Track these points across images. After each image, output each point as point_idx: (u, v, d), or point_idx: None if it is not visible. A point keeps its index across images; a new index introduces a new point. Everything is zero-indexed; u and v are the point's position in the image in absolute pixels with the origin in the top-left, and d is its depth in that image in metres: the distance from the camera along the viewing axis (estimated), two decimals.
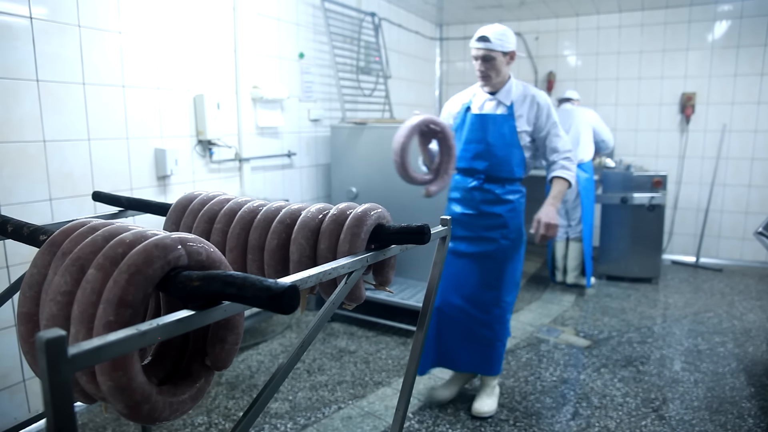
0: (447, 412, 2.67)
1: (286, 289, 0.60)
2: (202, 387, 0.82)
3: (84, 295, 0.71)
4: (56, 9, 2.37)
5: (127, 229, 0.80)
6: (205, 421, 2.56)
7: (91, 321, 0.70)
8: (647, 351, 3.38)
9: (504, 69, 2.46)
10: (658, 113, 5.48)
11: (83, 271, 0.75)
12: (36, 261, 0.82)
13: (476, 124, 2.53)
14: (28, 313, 0.81)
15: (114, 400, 0.70)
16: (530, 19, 5.87)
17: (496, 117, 2.49)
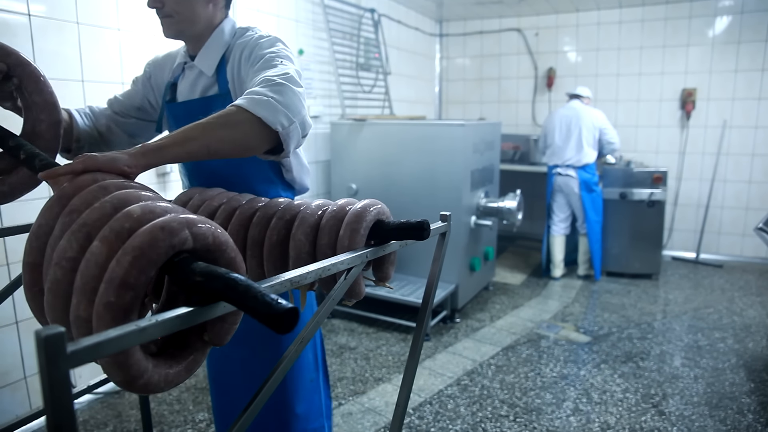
0: (447, 408, 2.67)
1: (287, 310, 0.60)
2: (196, 359, 0.82)
3: (87, 267, 0.72)
4: (54, 6, 2.36)
5: (137, 198, 0.79)
6: (206, 417, 2.57)
7: (92, 294, 0.70)
8: (647, 347, 3.39)
9: (201, 6, 1.36)
10: (659, 109, 5.47)
11: (89, 238, 0.75)
12: (44, 212, 0.83)
13: (179, 120, 1.43)
14: (33, 263, 0.82)
15: (110, 373, 0.71)
16: (530, 15, 5.85)
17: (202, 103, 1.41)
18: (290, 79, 1.16)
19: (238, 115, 1.04)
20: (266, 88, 1.11)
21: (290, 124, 1.10)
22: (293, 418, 1.52)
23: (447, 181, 3.61)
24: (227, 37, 1.41)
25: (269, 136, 1.09)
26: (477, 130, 3.82)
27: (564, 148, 4.62)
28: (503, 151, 5.27)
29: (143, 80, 1.56)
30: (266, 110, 1.06)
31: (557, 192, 4.75)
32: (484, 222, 3.91)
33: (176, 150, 0.95)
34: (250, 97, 1.08)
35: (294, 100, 1.11)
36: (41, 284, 0.80)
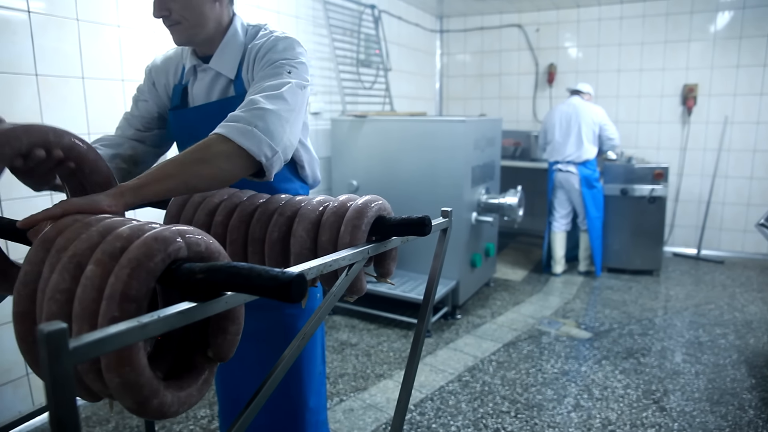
0: (449, 404, 2.68)
1: (294, 277, 0.60)
2: (207, 378, 0.82)
3: (84, 291, 0.71)
4: (54, 3, 2.36)
5: (122, 223, 0.79)
6: (208, 414, 2.57)
7: (93, 317, 0.70)
8: (648, 343, 3.39)
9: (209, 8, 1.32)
10: (660, 105, 5.46)
11: (81, 267, 0.74)
12: (29, 258, 0.81)
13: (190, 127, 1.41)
14: (24, 312, 0.80)
15: (122, 396, 0.69)
16: (531, 10, 5.84)
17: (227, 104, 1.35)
18: (281, 96, 1.15)
19: (219, 146, 1.03)
20: (250, 112, 1.09)
21: (273, 155, 1.09)
22: (307, 412, 1.53)
23: (448, 178, 3.61)
24: (242, 38, 1.38)
25: (252, 165, 1.09)
26: (478, 127, 3.82)
27: (564, 144, 4.61)
28: (504, 148, 5.27)
29: (149, 89, 1.49)
30: (250, 141, 1.05)
31: (558, 188, 4.75)
32: (484, 218, 3.91)
33: (155, 187, 0.94)
34: (234, 125, 1.07)
35: (276, 126, 1.10)
36: (35, 334, 0.77)
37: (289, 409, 1.50)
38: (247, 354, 1.39)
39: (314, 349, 1.56)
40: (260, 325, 1.40)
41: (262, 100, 1.12)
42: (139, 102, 1.49)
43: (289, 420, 1.51)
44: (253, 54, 1.32)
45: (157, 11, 1.28)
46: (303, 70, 1.26)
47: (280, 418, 1.51)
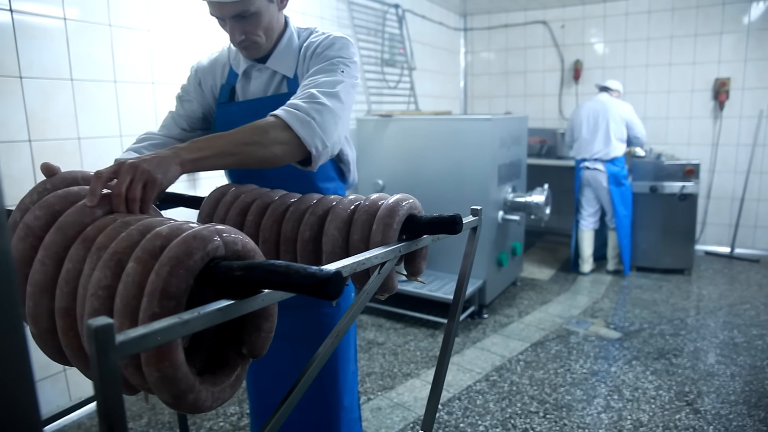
0: (476, 404, 2.66)
1: (331, 275, 0.61)
2: (240, 375, 0.83)
3: (125, 288, 0.73)
4: (88, 9, 2.42)
5: (160, 222, 0.81)
6: (237, 411, 2.61)
7: (134, 313, 0.71)
8: (680, 343, 3.32)
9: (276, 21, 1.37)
10: (690, 100, 5.34)
11: (122, 265, 0.76)
12: (71, 256, 0.83)
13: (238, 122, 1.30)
14: (66, 308, 0.82)
15: (160, 390, 0.71)
16: (556, 6, 5.77)
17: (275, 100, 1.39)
18: (336, 94, 1.21)
19: (277, 132, 1.10)
20: (310, 104, 1.16)
21: (324, 148, 1.16)
22: (342, 410, 1.55)
23: (474, 176, 3.59)
24: (297, 39, 1.43)
25: (301, 153, 1.15)
26: (504, 125, 3.79)
27: (591, 142, 4.55)
28: (530, 146, 5.21)
29: (194, 88, 1.52)
30: (306, 131, 1.13)
31: (585, 186, 4.68)
32: (511, 217, 3.88)
33: (213, 161, 1.01)
34: (295, 113, 1.13)
35: (330, 122, 1.17)
36: (76, 329, 0.80)
37: (325, 407, 1.52)
38: (279, 353, 1.42)
39: (348, 348, 1.58)
40: (293, 325, 1.43)
41: (320, 96, 1.18)
42: (184, 102, 1.51)
43: (324, 418, 1.53)
44: (309, 51, 1.38)
45: (235, 37, 1.33)
46: (354, 69, 1.32)
47: (316, 416, 1.53)
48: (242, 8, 1.26)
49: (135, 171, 0.88)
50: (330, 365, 1.50)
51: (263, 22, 1.32)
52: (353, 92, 1.29)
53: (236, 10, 1.27)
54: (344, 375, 1.55)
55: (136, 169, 0.88)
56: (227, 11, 1.27)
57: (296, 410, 1.44)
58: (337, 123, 1.19)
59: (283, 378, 1.52)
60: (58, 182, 0.94)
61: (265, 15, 1.31)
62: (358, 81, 1.33)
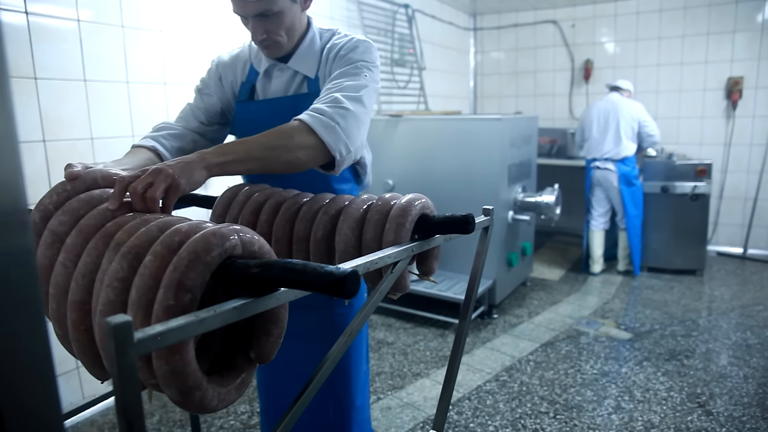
0: (486, 404, 2.66)
1: (348, 274, 0.62)
2: (245, 379, 0.84)
3: (142, 280, 0.73)
4: (101, 11, 2.44)
5: (179, 220, 0.82)
6: (248, 410, 2.63)
7: (149, 306, 0.72)
8: (692, 345, 3.29)
9: (298, 22, 1.37)
10: (702, 99, 5.30)
11: (139, 258, 0.77)
12: (90, 251, 0.84)
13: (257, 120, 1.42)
14: (80, 301, 0.83)
15: (168, 385, 0.72)
16: (566, 6, 5.74)
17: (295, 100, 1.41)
18: (360, 99, 1.21)
19: (302, 137, 1.10)
20: (334, 109, 1.16)
21: (347, 153, 1.17)
22: (354, 410, 1.56)
23: (484, 176, 3.58)
24: (319, 40, 1.43)
25: (324, 158, 1.15)
26: (514, 125, 3.78)
27: (602, 141, 4.52)
28: (540, 146, 5.19)
29: (215, 83, 1.51)
30: (331, 136, 1.13)
31: (596, 186, 4.66)
32: (521, 217, 3.87)
33: (239, 166, 1.02)
34: (320, 117, 1.13)
35: (354, 127, 1.17)
36: (87, 323, 0.81)
37: (337, 407, 1.53)
38: (291, 352, 1.42)
39: (360, 348, 1.58)
40: (305, 324, 1.43)
41: (345, 100, 1.18)
42: (203, 95, 1.51)
43: (336, 418, 1.54)
44: (332, 53, 1.37)
45: (256, 35, 1.33)
46: (376, 73, 1.33)
47: (327, 416, 1.53)
48: (265, 7, 1.26)
49: (158, 174, 0.89)
50: (342, 365, 1.50)
51: (285, 22, 1.32)
52: (374, 96, 1.30)
53: (259, 9, 1.27)
54: (356, 375, 1.55)
55: (159, 173, 0.89)
56: (250, 9, 1.28)
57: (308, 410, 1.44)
58: (360, 128, 1.20)
59: (294, 377, 1.53)
60: (77, 183, 0.95)
61: (287, 15, 1.31)
62: (379, 85, 1.33)
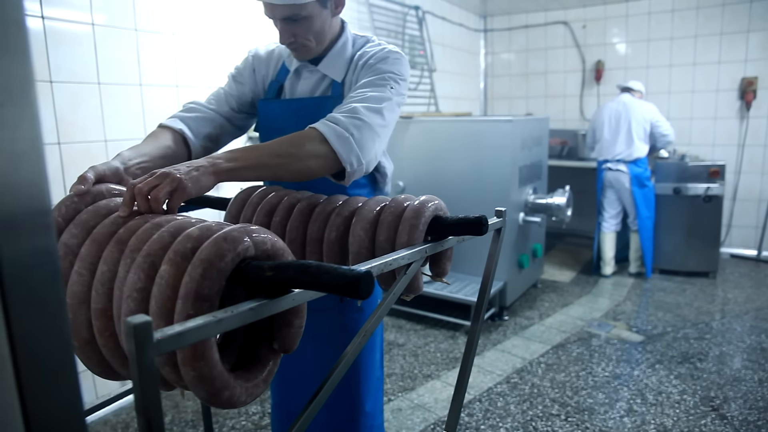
0: (497, 405, 2.65)
1: (363, 275, 0.62)
2: (271, 370, 0.85)
3: (160, 291, 0.74)
4: (115, 14, 2.47)
5: (190, 223, 0.83)
6: (259, 410, 2.64)
7: (169, 315, 0.73)
8: (705, 347, 3.26)
9: (328, 26, 1.36)
10: (715, 100, 5.25)
11: (155, 267, 0.78)
12: (105, 259, 0.85)
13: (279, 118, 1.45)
14: (102, 309, 0.85)
15: (196, 388, 0.73)
16: (577, 7, 5.72)
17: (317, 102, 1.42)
18: (380, 111, 1.20)
19: (314, 145, 1.10)
20: (350, 119, 1.15)
21: (359, 165, 1.15)
22: (362, 416, 1.55)
23: (495, 178, 3.58)
24: (351, 46, 1.43)
25: (335, 167, 1.14)
26: (525, 126, 3.77)
27: (613, 143, 4.50)
28: (551, 147, 5.17)
29: (249, 73, 1.51)
30: (343, 147, 1.12)
31: (607, 188, 4.63)
32: (532, 218, 3.85)
33: (248, 173, 1.02)
34: (334, 127, 1.13)
35: (368, 140, 1.16)
36: (112, 329, 0.83)
37: (345, 411, 1.52)
38: (303, 353, 1.42)
39: (373, 353, 1.57)
40: (318, 327, 1.43)
41: (363, 111, 1.18)
42: (237, 83, 1.51)
43: (344, 421, 1.53)
44: (362, 61, 1.36)
45: (284, 38, 1.33)
46: (403, 87, 1.31)
47: (335, 419, 1.53)
48: (293, 11, 1.26)
49: (165, 177, 0.90)
50: (353, 369, 1.49)
51: (314, 27, 1.31)
52: (398, 111, 1.28)
53: (287, 13, 1.26)
54: (367, 379, 1.55)
55: (167, 176, 0.90)
56: (278, 13, 1.27)
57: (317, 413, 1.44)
58: (374, 140, 1.18)
59: (306, 379, 1.53)
60: (85, 196, 0.97)
61: (316, 20, 1.30)
62: (405, 99, 1.31)
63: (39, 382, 0.47)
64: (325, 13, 1.32)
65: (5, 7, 0.42)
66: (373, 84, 1.26)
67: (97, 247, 0.87)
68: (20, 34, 0.44)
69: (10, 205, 0.44)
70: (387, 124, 1.22)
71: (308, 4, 1.26)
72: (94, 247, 0.87)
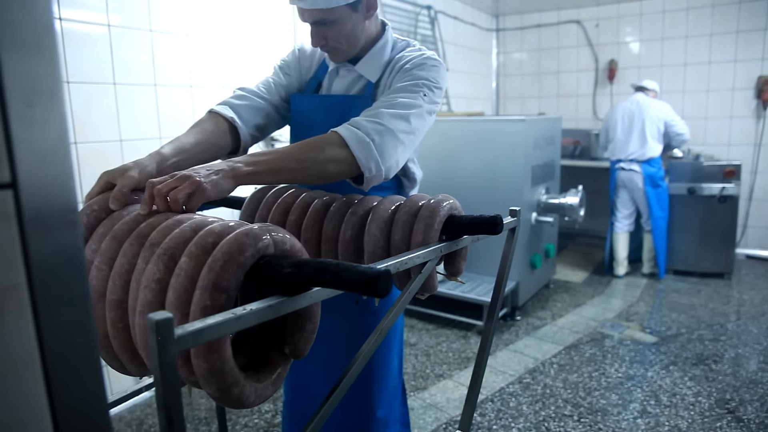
0: (509, 406, 2.65)
1: (381, 273, 0.63)
2: (281, 374, 0.85)
3: (178, 281, 0.75)
4: (130, 15, 2.49)
5: (212, 221, 0.84)
6: (271, 408, 2.65)
7: (186, 306, 0.74)
8: (720, 349, 3.23)
9: (360, 30, 1.37)
10: (731, 99, 5.19)
11: (174, 260, 0.79)
12: (125, 251, 0.87)
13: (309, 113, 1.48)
14: (117, 300, 0.86)
15: (207, 382, 0.74)
16: (590, 5, 5.68)
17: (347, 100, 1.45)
18: (407, 118, 1.19)
19: (333, 150, 1.10)
20: (372, 124, 1.15)
21: (377, 171, 1.14)
22: (374, 422, 1.53)
23: (507, 177, 3.57)
24: (390, 49, 1.43)
25: (354, 171, 1.14)
26: (537, 126, 3.76)
27: (627, 142, 4.46)
28: (563, 147, 5.15)
29: (295, 65, 1.53)
30: (362, 151, 1.11)
31: (620, 187, 4.60)
32: (545, 218, 3.84)
33: (268, 177, 1.04)
34: (355, 131, 1.13)
35: (390, 146, 1.15)
36: (126, 321, 0.84)
37: (355, 414, 1.51)
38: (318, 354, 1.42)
39: (389, 359, 1.56)
40: (333, 327, 1.43)
41: (387, 117, 1.17)
42: (284, 74, 1.52)
43: (353, 425, 1.52)
44: (400, 64, 1.36)
45: (315, 41, 1.34)
46: (437, 95, 1.30)
47: (344, 421, 1.51)
48: (322, 16, 1.27)
49: (185, 180, 0.92)
50: (366, 371, 1.48)
51: (345, 30, 1.32)
52: (429, 119, 1.26)
53: (316, 17, 1.28)
54: (380, 385, 1.53)
55: (187, 179, 0.92)
56: (308, 17, 1.29)
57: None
58: (397, 147, 1.17)
59: (319, 379, 1.53)
60: (103, 202, 0.98)
61: (347, 24, 1.31)
62: (437, 107, 1.29)
63: (66, 376, 0.48)
64: (356, 17, 1.32)
65: (35, 10, 0.43)
66: (406, 90, 1.25)
67: (116, 243, 0.88)
68: (49, 36, 0.45)
69: (39, 203, 0.45)
70: (413, 131, 1.21)
71: (336, 9, 1.26)
72: (114, 243, 0.89)
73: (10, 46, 0.42)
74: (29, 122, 0.44)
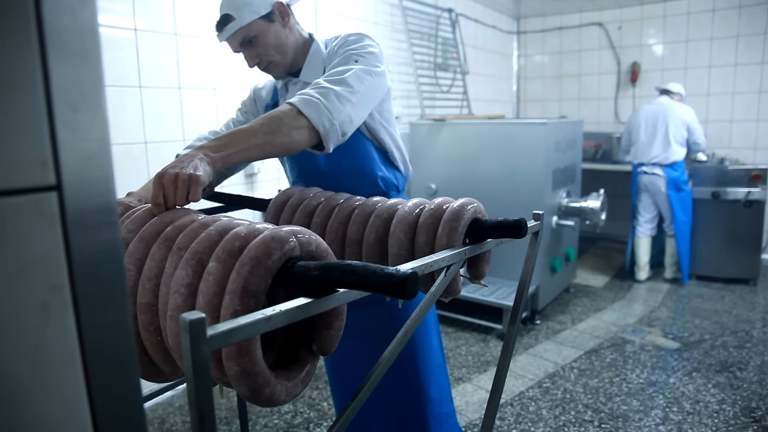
0: (529, 410, 2.63)
1: (409, 275, 0.63)
2: (310, 371, 0.86)
3: (207, 286, 0.77)
4: (156, 20, 2.54)
5: (237, 223, 0.86)
6: (291, 409, 2.67)
7: (216, 311, 0.75)
8: (745, 356, 3.17)
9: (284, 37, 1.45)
10: (758, 102, 5.08)
11: (202, 264, 0.80)
12: (153, 255, 0.89)
13: None
14: (148, 304, 0.88)
15: (239, 384, 0.75)
16: (613, 8, 5.62)
17: None
18: (343, 80, 1.26)
19: (290, 119, 1.16)
20: (315, 89, 1.22)
21: (331, 126, 1.20)
22: (428, 402, 1.58)
23: (528, 181, 3.55)
24: (324, 49, 1.52)
25: (314, 137, 1.20)
26: (559, 129, 3.73)
27: (650, 146, 4.41)
28: (584, 150, 5.10)
29: (251, 103, 1.66)
30: (311, 110, 1.18)
31: (643, 191, 4.54)
32: (565, 222, 3.81)
33: (240, 156, 1.09)
34: (302, 97, 1.20)
35: (335, 102, 1.21)
36: (156, 323, 0.86)
37: (409, 400, 1.55)
38: (360, 350, 1.47)
39: (429, 341, 1.60)
40: (369, 322, 1.48)
41: (327, 83, 1.25)
42: (243, 113, 1.66)
43: (410, 410, 1.55)
44: (330, 55, 1.46)
45: (251, 62, 1.45)
46: (372, 58, 1.36)
47: (401, 409, 1.55)
48: (243, 34, 1.38)
49: (175, 181, 0.95)
50: (410, 358, 1.52)
51: (269, 41, 1.41)
52: (370, 79, 1.31)
53: (240, 38, 1.39)
54: (426, 367, 1.57)
55: (176, 179, 0.95)
56: (234, 43, 1.41)
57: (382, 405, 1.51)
58: (344, 104, 1.23)
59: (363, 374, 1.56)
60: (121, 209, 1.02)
61: (269, 34, 1.40)
62: (378, 68, 1.35)
63: (104, 372, 0.49)
64: (275, 27, 1.42)
65: (83, 17, 0.45)
66: (338, 65, 1.34)
67: (144, 244, 0.90)
68: (94, 42, 0.46)
69: (82, 204, 0.47)
70: (356, 91, 1.26)
71: (253, 23, 1.37)
72: (142, 244, 0.91)
73: (59, 52, 0.43)
74: (74, 126, 0.46)
